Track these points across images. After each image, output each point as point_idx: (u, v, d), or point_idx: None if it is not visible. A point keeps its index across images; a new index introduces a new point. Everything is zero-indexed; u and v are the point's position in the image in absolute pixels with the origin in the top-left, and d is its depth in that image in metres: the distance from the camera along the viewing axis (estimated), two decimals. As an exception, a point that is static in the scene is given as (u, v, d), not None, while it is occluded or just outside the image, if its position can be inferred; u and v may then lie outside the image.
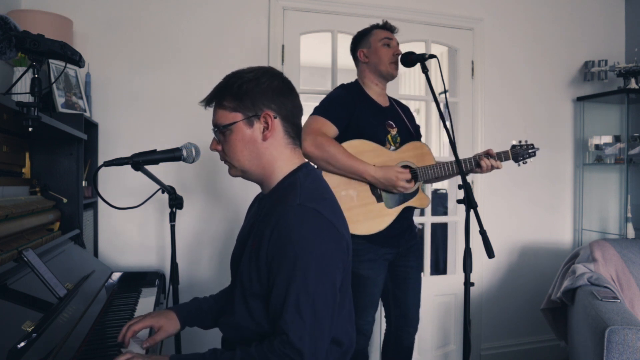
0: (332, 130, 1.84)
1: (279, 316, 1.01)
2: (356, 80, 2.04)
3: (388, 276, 1.99)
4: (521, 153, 1.98)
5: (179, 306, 1.33)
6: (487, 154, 1.92)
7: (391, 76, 1.96)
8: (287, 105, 1.14)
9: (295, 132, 1.17)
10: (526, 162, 2.00)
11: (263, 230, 1.06)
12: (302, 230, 1.02)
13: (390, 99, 2.07)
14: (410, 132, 2.01)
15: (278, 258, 1.02)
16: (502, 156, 1.95)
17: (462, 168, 1.68)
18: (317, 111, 1.89)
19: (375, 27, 2.01)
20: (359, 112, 1.90)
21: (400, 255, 1.97)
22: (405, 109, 2.11)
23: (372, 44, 1.97)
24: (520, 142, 2.01)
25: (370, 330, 1.98)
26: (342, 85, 2.02)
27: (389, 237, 1.90)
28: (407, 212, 1.96)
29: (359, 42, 2.02)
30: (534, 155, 2.00)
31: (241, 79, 1.12)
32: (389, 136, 1.93)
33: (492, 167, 1.91)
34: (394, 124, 1.95)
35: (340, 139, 1.87)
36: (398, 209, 1.88)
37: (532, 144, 2.00)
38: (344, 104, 1.90)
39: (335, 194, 1.20)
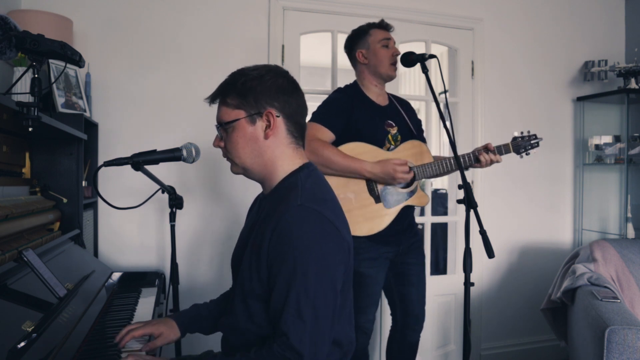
0: (327, 135, 1.87)
1: (279, 318, 1.00)
2: (355, 81, 2.03)
3: (390, 274, 2.00)
4: (523, 145, 1.94)
5: (178, 314, 1.33)
6: (486, 148, 1.91)
7: (390, 78, 1.96)
8: (291, 104, 1.13)
9: (298, 132, 1.16)
10: (529, 154, 1.96)
11: (263, 231, 1.06)
12: (303, 231, 1.01)
13: (390, 97, 2.06)
14: (410, 130, 2.00)
15: (278, 259, 1.01)
16: (502, 149, 1.93)
17: (461, 167, 1.68)
18: (313, 117, 1.91)
19: (372, 26, 1.98)
20: (357, 114, 1.90)
21: (400, 253, 1.97)
22: (406, 105, 2.09)
23: (370, 45, 1.95)
24: (522, 133, 1.97)
25: (371, 329, 1.99)
26: (339, 89, 2.03)
27: (389, 236, 1.90)
28: (407, 211, 1.96)
29: (357, 42, 1.99)
30: (537, 145, 1.96)
31: (245, 76, 1.11)
32: (389, 136, 1.93)
33: (492, 162, 1.89)
34: (394, 123, 1.95)
35: (339, 142, 1.89)
36: (397, 209, 1.88)
37: (535, 135, 1.97)
38: (340, 108, 1.91)
39: None
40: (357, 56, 1.98)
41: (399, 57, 1.90)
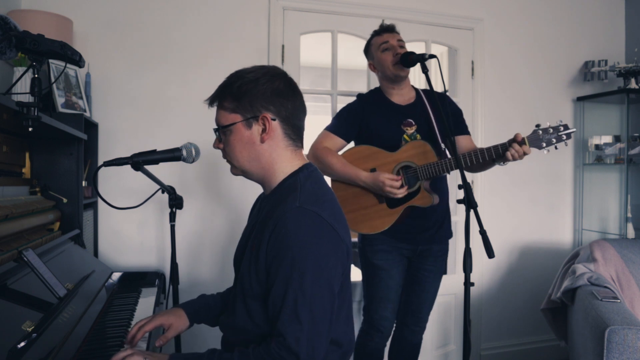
0: (337, 142, 1.96)
1: (276, 318, 1.01)
2: (379, 86, 2.08)
3: (406, 274, 2.02)
4: (544, 138, 1.73)
5: (186, 303, 1.33)
6: (514, 140, 1.71)
7: (399, 77, 1.96)
8: (287, 107, 1.12)
9: (296, 134, 1.16)
10: (557, 148, 1.75)
11: (262, 231, 1.06)
12: (301, 232, 1.01)
13: (420, 92, 2.04)
14: (431, 127, 1.96)
15: (276, 260, 1.01)
16: (506, 146, 1.73)
17: (462, 167, 1.68)
18: (327, 125, 2.01)
19: (373, 35, 2.04)
20: (369, 118, 1.96)
21: (420, 255, 1.98)
22: (438, 99, 1.94)
23: (374, 54, 2.01)
24: (548, 124, 1.74)
25: (388, 328, 1.99)
26: (359, 95, 2.10)
27: (404, 233, 1.93)
28: (425, 212, 1.91)
29: (366, 55, 2.08)
30: (569, 137, 1.73)
31: (241, 79, 1.11)
32: (404, 135, 1.94)
33: (523, 154, 1.70)
34: (414, 122, 1.96)
35: (356, 145, 2.00)
36: (400, 209, 1.89)
37: (566, 124, 1.73)
38: (350, 115, 2.00)
39: (339, 197, 1.19)
40: (370, 68, 2.07)
41: (399, 56, 1.90)
